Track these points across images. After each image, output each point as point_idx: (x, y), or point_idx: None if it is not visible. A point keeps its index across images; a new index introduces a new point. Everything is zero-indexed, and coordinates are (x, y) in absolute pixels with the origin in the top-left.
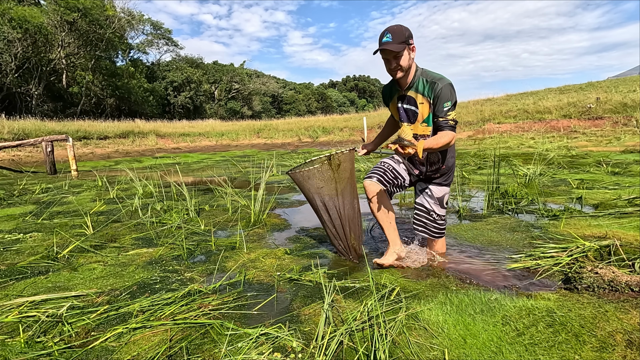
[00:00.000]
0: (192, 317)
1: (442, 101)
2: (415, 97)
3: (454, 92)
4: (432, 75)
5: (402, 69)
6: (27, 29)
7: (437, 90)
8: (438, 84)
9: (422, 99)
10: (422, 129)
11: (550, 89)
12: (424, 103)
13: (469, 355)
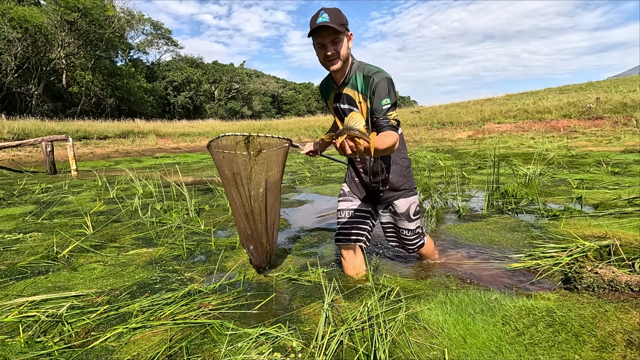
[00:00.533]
0: (192, 317)
1: (379, 98)
2: (352, 96)
3: (392, 89)
4: (368, 69)
5: (340, 57)
6: (27, 29)
7: (373, 85)
8: (374, 78)
9: (360, 96)
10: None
11: (550, 89)
12: (362, 102)
13: (468, 355)
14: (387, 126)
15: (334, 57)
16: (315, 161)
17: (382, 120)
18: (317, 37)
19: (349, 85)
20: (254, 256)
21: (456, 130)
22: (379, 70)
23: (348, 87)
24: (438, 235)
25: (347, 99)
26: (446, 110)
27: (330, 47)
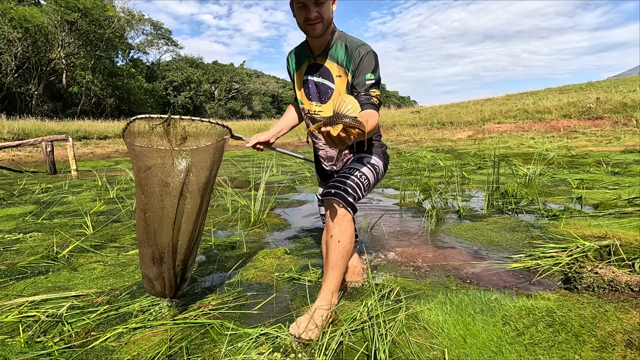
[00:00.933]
0: (192, 317)
1: (363, 72)
2: (330, 68)
3: (378, 65)
4: (351, 40)
5: (323, 22)
6: (27, 29)
7: (358, 58)
8: (359, 50)
9: (339, 70)
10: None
11: (550, 89)
12: (341, 76)
13: (468, 355)
14: (369, 104)
15: (317, 20)
16: None
17: (364, 96)
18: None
19: (329, 56)
20: (153, 284)
21: (456, 130)
22: (364, 43)
23: (327, 58)
24: (438, 235)
25: (323, 72)
26: (446, 110)
27: (313, 8)
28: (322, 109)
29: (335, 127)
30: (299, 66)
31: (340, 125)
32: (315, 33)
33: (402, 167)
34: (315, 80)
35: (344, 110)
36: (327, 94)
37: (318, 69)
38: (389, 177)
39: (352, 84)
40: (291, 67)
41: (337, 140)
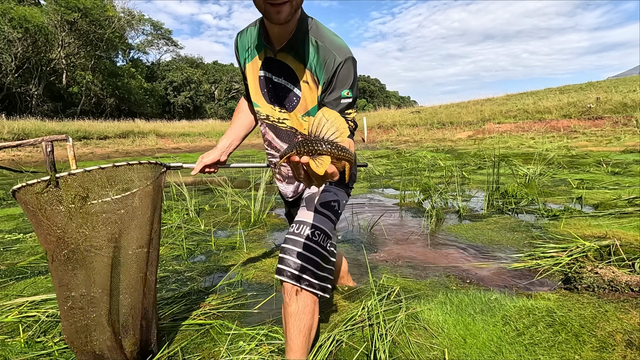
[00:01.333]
0: (191, 317)
1: (339, 86)
2: (295, 70)
3: (356, 78)
4: (325, 38)
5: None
6: (27, 29)
7: (333, 67)
8: (335, 55)
9: (308, 75)
10: (305, 124)
11: (550, 89)
12: (309, 84)
13: (469, 355)
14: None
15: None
16: None
17: None
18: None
19: (293, 52)
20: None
21: (456, 130)
22: (341, 45)
23: (290, 55)
24: (438, 235)
25: (286, 73)
26: (446, 110)
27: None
28: (289, 118)
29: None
30: (252, 56)
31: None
32: (280, 18)
33: (402, 167)
34: (274, 80)
35: (326, 133)
36: (291, 101)
37: (279, 67)
38: (389, 177)
39: (322, 100)
40: (241, 56)
41: (317, 178)
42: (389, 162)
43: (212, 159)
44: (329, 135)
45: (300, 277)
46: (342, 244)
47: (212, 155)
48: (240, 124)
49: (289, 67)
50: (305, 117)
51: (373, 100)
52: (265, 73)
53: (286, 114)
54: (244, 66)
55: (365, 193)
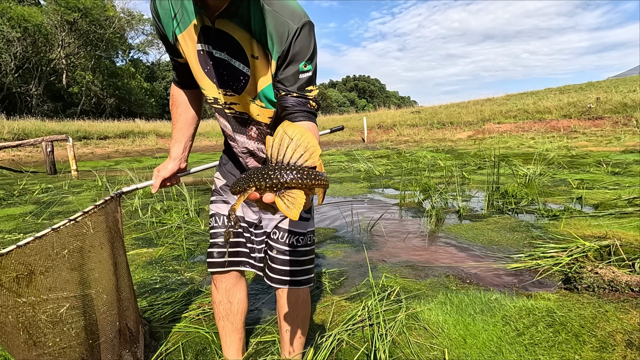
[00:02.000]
0: (191, 317)
1: (297, 59)
2: (241, 42)
3: (316, 47)
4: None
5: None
6: (26, 28)
7: (288, 36)
8: (289, 23)
9: (257, 47)
10: (255, 109)
11: (550, 89)
12: (259, 58)
13: (469, 355)
14: (305, 112)
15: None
16: None
17: (297, 98)
18: None
19: (236, 19)
20: None
21: (456, 130)
22: (295, 8)
23: (233, 23)
24: (438, 235)
25: (228, 45)
26: (446, 110)
27: None
28: (238, 102)
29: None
30: (184, 25)
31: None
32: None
33: (402, 167)
34: (217, 55)
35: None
36: (238, 81)
37: (219, 38)
38: (389, 177)
39: (278, 77)
40: (166, 26)
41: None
42: (389, 162)
43: (170, 170)
44: (296, 159)
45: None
46: (342, 244)
47: (170, 166)
48: (185, 121)
49: (232, 37)
50: (257, 100)
51: (373, 100)
52: (204, 46)
53: (235, 97)
54: (173, 39)
55: (365, 193)
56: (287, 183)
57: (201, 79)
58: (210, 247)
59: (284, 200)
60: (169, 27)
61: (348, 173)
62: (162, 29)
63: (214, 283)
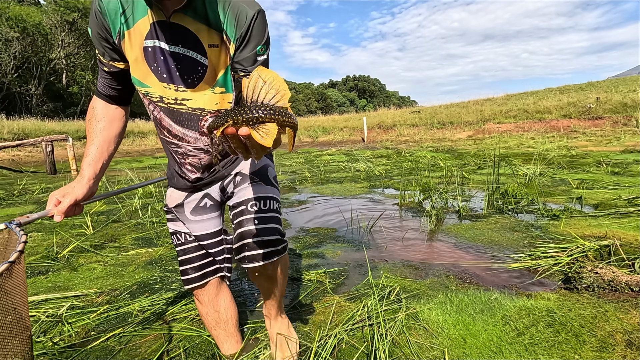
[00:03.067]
0: (192, 317)
1: (253, 42)
2: (197, 33)
3: (268, 31)
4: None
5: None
6: (24, 28)
7: (245, 20)
8: (247, 9)
9: (213, 35)
10: (214, 98)
11: (550, 89)
12: (218, 46)
13: (469, 355)
14: None
15: None
16: (315, 161)
17: None
18: None
19: (191, 11)
20: None
21: (456, 130)
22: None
23: (188, 16)
24: (438, 235)
25: (185, 38)
26: (446, 110)
27: None
28: (191, 97)
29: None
30: (131, 22)
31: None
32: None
33: (402, 167)
34: (171, 50)
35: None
36: (195, 72)
37: (174, 32)
38: (389, 177)
39: (235, 57)
40: (112, 24)
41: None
42: (389, 162)
43: (82, 194)
44: (269, 99)
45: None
46: (342, 244)
47: (81, 190)
48: (106, 138)
49: (188, 30)
50: (216, 87)
51: (373, 100)
52: (155, 42)
53: (187, 92)
54: (119, 37)
55: (365, 193)
56: (261, 117)
57: (146, 77)
58: (181, 264)
59: (259, 132)
60: (116, 24)
61: (348, 173)
62: (107, 27)
63: (196, 298)
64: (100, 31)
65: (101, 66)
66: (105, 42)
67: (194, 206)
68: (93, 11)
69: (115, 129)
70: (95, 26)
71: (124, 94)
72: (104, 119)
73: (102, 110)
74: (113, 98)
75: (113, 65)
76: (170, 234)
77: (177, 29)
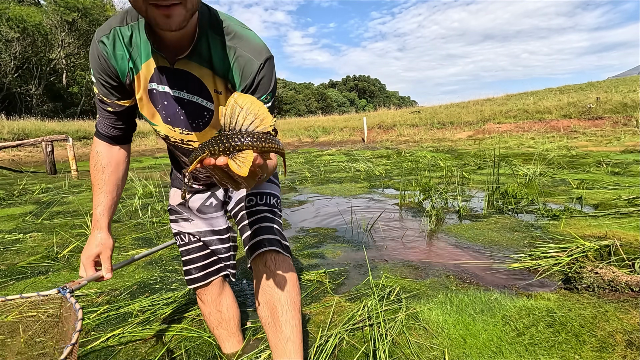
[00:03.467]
0: (192, 317)
1: (260, 91)
2: (202, 78)
3: (275, 77)
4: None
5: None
6: (25, 28)
7: (252, 71)
8: (251, 58)
9: (219, 82)
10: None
11: (550, 89)
12: (222, 93)
13: (469, 355)
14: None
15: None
16: (315, 161)
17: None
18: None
19: (197, 57)
20: None
21: (456, 130)
22: (257, 43)
23: (193, 62)
24: (438, 235)
25: (190, 83)
26: (446, 110)
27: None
28: (197, 139)
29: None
30: (139, 64)
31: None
32: (170, 24)
33: (402, 167)
34: (175, 95)
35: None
36: (201, 117)
37: (179, 77)
38: (389, 177)
39: None
40: (120, 68)
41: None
42: (389, 162)
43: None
44: (247, 126)
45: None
46: (342, 244)
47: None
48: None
49: (193, 76)
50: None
51: (373, 100)
52: (159, 86)
53: (193, 135)
54: (127, 80)
55: (366, 193)
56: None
57: (153, 116)
58: (185, 264)
59: (235, 161)
60: (123, 68)
61: (348, 173)
62: (114, 70)
63: (199, 297)
64: (106, 74)
65: (103, 106)
66: (111, 82)
67: (200, 205)
68: (96, 54)
69: (122, 171)
70: (99, 68)
71: (128, 132)
72: (110, 163)
73: (106, 154)
74: (116, 139)
75: (118, 104)
76: (173, 234)
77: (181, 74)
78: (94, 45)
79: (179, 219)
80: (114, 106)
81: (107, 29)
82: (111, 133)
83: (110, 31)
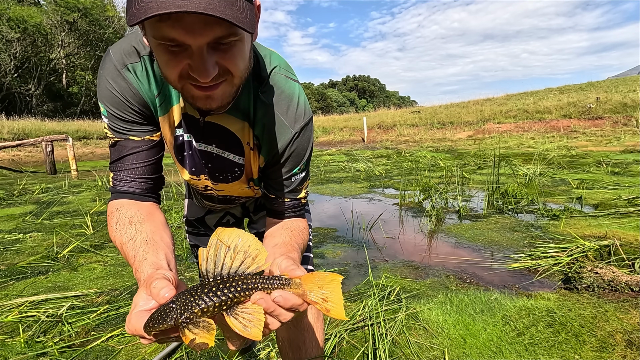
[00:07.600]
0: None
1: (293, 161)
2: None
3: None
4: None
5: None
6: (25, 29)
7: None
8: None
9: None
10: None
11: (550, 89)
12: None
13: (469, 355)
14: (297, 210)
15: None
16: (315, 161)
17: (291, 201)
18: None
19: (233, 109)
20: None
21: (456, 130)
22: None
23: (228, 114)
24: (438, 235)
25: (221, 136)
26: (446, 110)
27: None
28: (223, 189)
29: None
30: (165, 107)
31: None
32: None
33: (402, 167)
34: (201, 149)
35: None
36: (231, 172)
37: (209, 130)
38: (389, 177)
39: (265, 171)
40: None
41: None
42: (389, 162)
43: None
44: (237, 268)
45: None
46: (342, 244)
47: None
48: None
49: (227, 130)
50: (251, 183)
51: (373, 100)
52: (185, 135)
53: (219, 185)
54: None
55: (366, 193)
56: (231, 299)
57: (176, 162)
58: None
59: (239, 319)
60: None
61: (348, 173)
62: (142, 97)
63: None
64: (133, 102)
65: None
66: (143, 111)
67: (216, 222)
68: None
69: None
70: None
71: (159, 181)
72: (140, 212)
73: (132, 206)
74: (146, 191)
75: (150, 139)
76: (190, 245)
77: (212, 128)
78: (115, 73)
79: (196, 232)
80: (144, 143)
81: (134, 57)
82: (139, 187)
83: (141, 62)
